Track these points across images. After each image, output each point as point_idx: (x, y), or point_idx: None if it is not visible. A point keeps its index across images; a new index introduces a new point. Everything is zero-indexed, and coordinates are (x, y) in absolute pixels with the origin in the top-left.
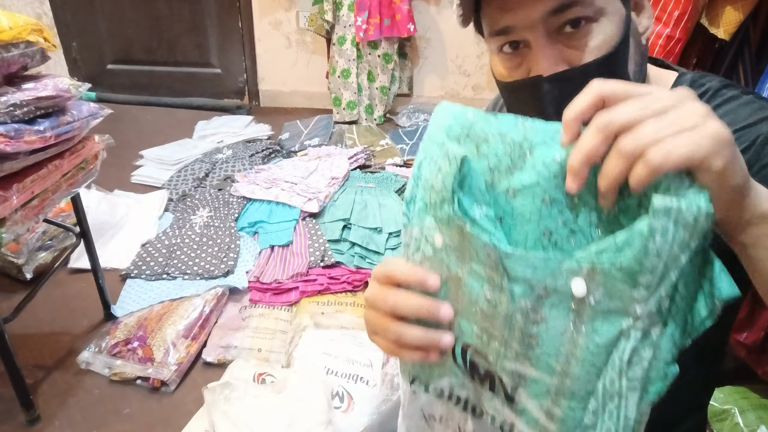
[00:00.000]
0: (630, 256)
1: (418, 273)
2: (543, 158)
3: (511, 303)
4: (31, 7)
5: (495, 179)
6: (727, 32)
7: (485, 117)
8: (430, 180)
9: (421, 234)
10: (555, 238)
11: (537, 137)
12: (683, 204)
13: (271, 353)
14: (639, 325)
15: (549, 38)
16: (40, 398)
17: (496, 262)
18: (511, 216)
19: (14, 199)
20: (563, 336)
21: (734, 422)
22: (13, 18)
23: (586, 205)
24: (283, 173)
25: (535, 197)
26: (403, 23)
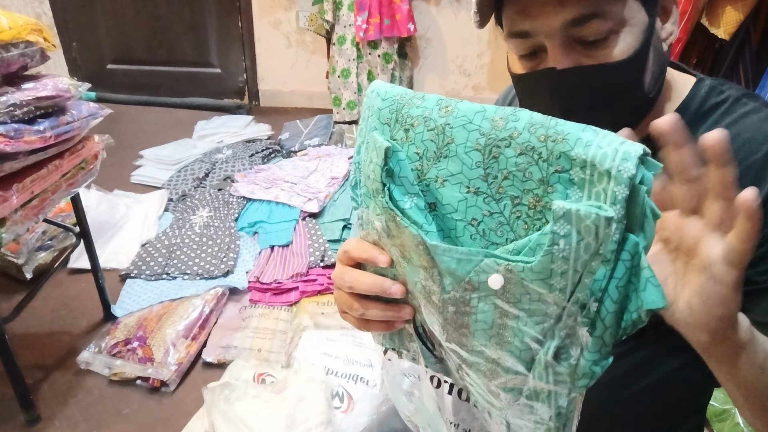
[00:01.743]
0: (539, 259)
1: (369, 252)
2: (464, 144)
3: (444, 293)
4: (31, 7)
5: (424, 166)
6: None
7: (412, 99)
8: (365, 169)
9: (368, 218)
10: (483, 227)
11: (458, 121)
12: (581, 209)
13: (271, 353)
14: (562, 326)
15: (566, 46)
16: (40, 398)
17: (427, 254)
18: (441, 204)
19: (14, 199)
20: (492, 329)
21: (734, 422)
22: (13, 18)
23: (512, 198)
24: (283, 173)
25: (461, 186)
26: (403, 23)
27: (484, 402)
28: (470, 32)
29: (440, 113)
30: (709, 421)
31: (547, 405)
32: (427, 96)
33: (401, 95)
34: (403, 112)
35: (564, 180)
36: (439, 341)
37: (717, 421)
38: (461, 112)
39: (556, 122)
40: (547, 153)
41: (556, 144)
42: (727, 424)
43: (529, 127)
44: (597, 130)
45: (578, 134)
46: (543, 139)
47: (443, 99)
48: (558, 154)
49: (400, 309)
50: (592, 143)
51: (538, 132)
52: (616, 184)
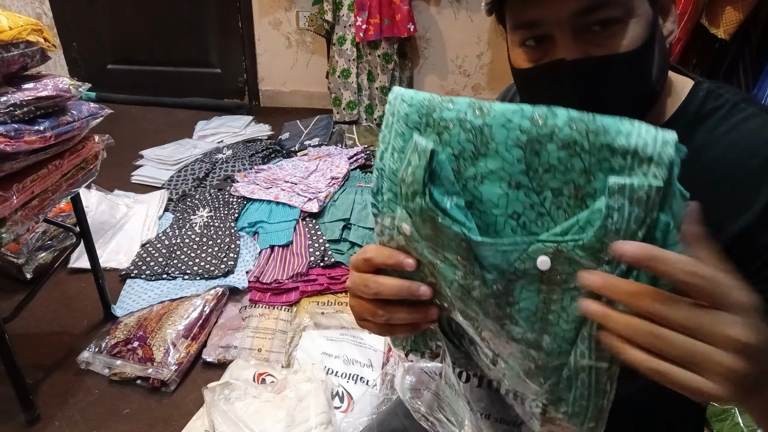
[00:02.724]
0: (591, 235)
1: (394, 256)
2: (505, 142)
3: (484, 288)
4: (31, 7)
5: (461, 166)
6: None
7: (441, 103)
8: (398, 173)
9: (393, 224)
10: (523, 220)
11: (496, 121)
12: (635, 182)
13: (271, 353)
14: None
15: (575, 35)
16: (40, 398)
17: (468, 251)
18: (480, 201)
19: (14, 199)
20: (535, 315)
21: (734, 422)
22: (13, 18)
23: (553, 189)
24: (283, 173)
25: (501, 182)
26: (403, 23)
27: (518, 389)
28: (470, 32)
29: (475, 115)
30: (709, 421)
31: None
32: (455, 99)
33: (429, 100)
34: (434, 116)
35: (605, 168)
36: (471, 337)
37: (717, 421)
38: (498, 113)
39: (594, 116)
40: (589, 145)
41: (598, 136)
42: (726, 424)
43: (570, 122)
44: (632, 120)
45: (617, 126)
46: (584, 133)
47: (474, 101)
48: (600, 146)
49: (427, 310)
50: (632, 133)
51: (579, 127)
52: (657, 166)
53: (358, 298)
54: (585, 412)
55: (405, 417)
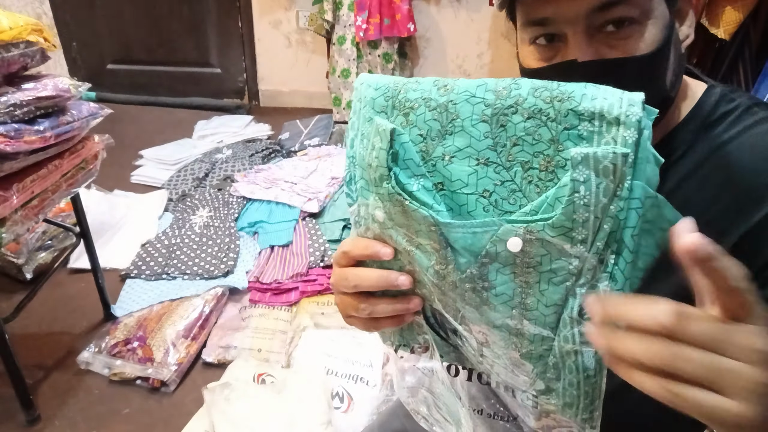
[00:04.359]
0: (559, 212)
1: (370, 247)
2: (470, 117)
3: (459, 273)
4: (31, 7)
5: (429, 147)
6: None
7: (406, 84)
8: (366, 158)
9: (367, 212)
10: (495, 198)
11: (460, 96)
12: (599, 151)
13: (271, 353)
14: (582, 281)
15: (588, 35)
16: (40, 398)
17: (439, 235)
18: (450, 181)
19: (14, 199)
20: (513, 299)
21: None
22: (13, 18)
23: (522, 163)
24: (283, 173)
25: (470, 159)
26: (403, 23)
27: (508, 380)
28: (470, 32)
29: (440, 93)
30: None
31: (575, 369)
32: (420, 80)
33: (394, 82)
34: (399, 97)
35: (573, 136)
36: (454, 327)
37: None
38: (462, 88)
39: (558, 84)
40: (554, 113)
41: (562, 103)
42: None
43: (533, 91)
44: (596, 85)
45: (582, 90)
46: (549, 100)
47: (439, 80)
48: (566, 112)
49: (409, 300)
50: (597, 96)
51: (542, 95)
52: (626, 128)
53: (342, 293)
54: (577, 402)
55: (406, 417)
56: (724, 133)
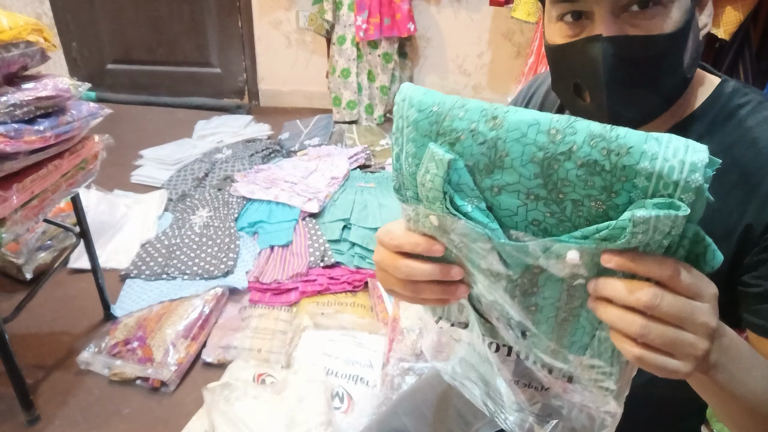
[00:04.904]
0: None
1: (422, 245)
2: (520, 158)
3: (509, 283)
4: (31, 7)
5: (476, 177)
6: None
7: (452, 111)
8: (415, 176)
9: (418, 214)
10: (544, 226)
11: (510, 134)
12: (661, 213)
13: (271, 353)
14: None
15: (614, 13)
16: (40, 398)
17: (493, 250)
18: (499, 208)
19: (14, 199)
20: (559, 301)
21: None
22: (13, 18)
23: (573, 201)
24: (283, 173)
25: (519, 194)
26: (403, 23)
27: (547, 361)
28: (470, 32)
29: (488, 126)
30: (709, 421)
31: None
32: (467, 105)
33: (439, 105)
34: (444, 125)
35: (628, 187)
36: (497, 315)
37: (717, 421)
38: (512, 125)
39: (617, 134)
40: (610, 166)
41: (620, 158)
42: None
43: (590, 140)
44: (659, 138)
45: (642, 147)
46: (606, 153)
47: (487, 109)
48: (622, 167)
49: (456, 289)
50: (657, 156)
51: (599, 145)
52: (684, 192)
53: (387, 273)
54: (608, 386)
55: (405, 415)
56: (739, 126)
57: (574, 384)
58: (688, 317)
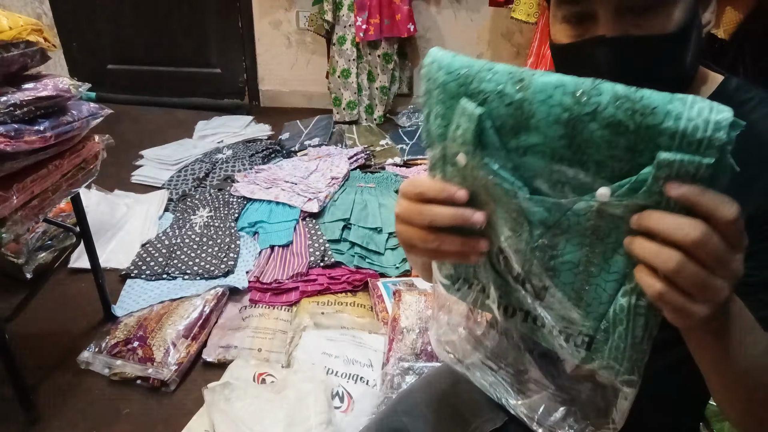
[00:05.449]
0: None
1: (446, 189)
2: (546, 119)
3: (531, 241)
4: (31, 7)
5: (502, 138)
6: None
7: (480, 73)
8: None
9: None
10: (567, 188)
11: (536, 96)
12: (686, 158)
13: (271, 353)
14: None
15: (617, 13)
16: (40, 398)
17: (518, 207)
18: (524, 169)
19: (14, 199)
20: (579, 266)
21: None
22: (13, 18)
23: (597, 162)
24: (283, 173)
25: (544, 155)
26: (403, 23)
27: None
28: (470, 32)
29: (515, 87)
30: (709, 421)
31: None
32: (495, 67)
33: (468, 68)
34: (472, 86)
35: (651, 147)
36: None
37: (717, 421)
38: (539, 87)
39: (641, 95)
40: (634, 126)
41: (645, 118)
42: (727, 424)
43: (614, 101)
44: (684, 99)
45: (666, 107)
46: (630, 113)
47: (514, 71)
48: (647, 126)
49: (477, 241)
50: (682, 116)
51: (623, 106)
52: (708, 148)
53: (408, 224)
54: (619, 365)
55: (405, 415)
56: (750, 115)
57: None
58: (726, 263)
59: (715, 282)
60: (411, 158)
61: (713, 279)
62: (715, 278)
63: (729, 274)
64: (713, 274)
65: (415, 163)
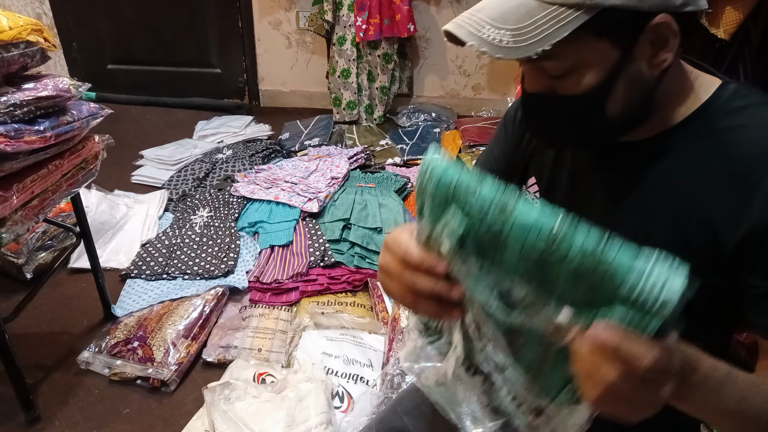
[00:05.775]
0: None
1: (428, 260)
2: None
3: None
4: (31, 7)
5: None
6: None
7: (467, 192)
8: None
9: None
10: (531, 298)
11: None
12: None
13: (271, 353)
14: None
15: (534, 74)
16: (40, 398)
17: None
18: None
19: (14, 199)
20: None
21: None
22: (13, 18)
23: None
24: (283, 173)
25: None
26: (403, 23)
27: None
28: None
29: (496, 217)
30: None
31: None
32: (482, 190)
33: (456, 186)
34: (458, 201)
35: (611, 295)
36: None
37: None
38: (517, 224)
39: (606, 256)
40: (596, 280)
41: (605, 276)
42: None
43: (581, 255)
44: (648, 259)
45: (628, 268)
46: (593, 270)
47: (497, 200)
48: (609, 280)
49: (452, 310)
50: (636, 287)
51: (589, 261)
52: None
53: (389, 278)
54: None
55: (405, 415)
56: (738, 128)
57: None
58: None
59: (650, 397)
60: (411, 158)
61: (651, 394)
62: (652, 393)
63: (665, 392)
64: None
65: (415, 162)
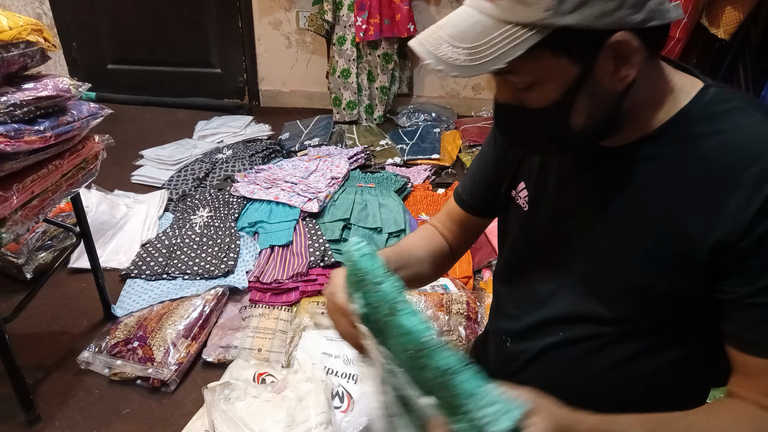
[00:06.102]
0: None
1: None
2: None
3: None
4: (31, 7)
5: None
6: (727, 32)
7: (369, 284)
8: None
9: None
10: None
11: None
12: None
13: (271, 353)
14: None
15: (502, 86)
16: (40, 398)
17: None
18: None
19: (14, 199)
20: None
21: None
22: (13, 18)
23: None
24: (283, 173)
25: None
26: (403, 23)
27: None
28: None
29: (385, 312)
30: None
31: None
32: (383, 286)
33: (364, 276)
34: (363, 288)
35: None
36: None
37: None
38: (398, 326)
39: (455, 380)
40: (448, 395)
41: (454, 396)
42: None
43: (438, 372)
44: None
45: (465, 400)
46: (443, 385)
47: (391, 300)
48: (455, 400)
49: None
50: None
51: (440, 379)
52: None
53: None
54: None
55: None
56: (717, 134)
57: None
58: None
59: None
60: (411, 158)
61: None
62: None
63: None
64: None
65: (415, 162)
